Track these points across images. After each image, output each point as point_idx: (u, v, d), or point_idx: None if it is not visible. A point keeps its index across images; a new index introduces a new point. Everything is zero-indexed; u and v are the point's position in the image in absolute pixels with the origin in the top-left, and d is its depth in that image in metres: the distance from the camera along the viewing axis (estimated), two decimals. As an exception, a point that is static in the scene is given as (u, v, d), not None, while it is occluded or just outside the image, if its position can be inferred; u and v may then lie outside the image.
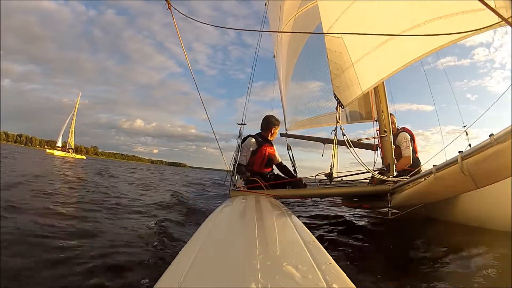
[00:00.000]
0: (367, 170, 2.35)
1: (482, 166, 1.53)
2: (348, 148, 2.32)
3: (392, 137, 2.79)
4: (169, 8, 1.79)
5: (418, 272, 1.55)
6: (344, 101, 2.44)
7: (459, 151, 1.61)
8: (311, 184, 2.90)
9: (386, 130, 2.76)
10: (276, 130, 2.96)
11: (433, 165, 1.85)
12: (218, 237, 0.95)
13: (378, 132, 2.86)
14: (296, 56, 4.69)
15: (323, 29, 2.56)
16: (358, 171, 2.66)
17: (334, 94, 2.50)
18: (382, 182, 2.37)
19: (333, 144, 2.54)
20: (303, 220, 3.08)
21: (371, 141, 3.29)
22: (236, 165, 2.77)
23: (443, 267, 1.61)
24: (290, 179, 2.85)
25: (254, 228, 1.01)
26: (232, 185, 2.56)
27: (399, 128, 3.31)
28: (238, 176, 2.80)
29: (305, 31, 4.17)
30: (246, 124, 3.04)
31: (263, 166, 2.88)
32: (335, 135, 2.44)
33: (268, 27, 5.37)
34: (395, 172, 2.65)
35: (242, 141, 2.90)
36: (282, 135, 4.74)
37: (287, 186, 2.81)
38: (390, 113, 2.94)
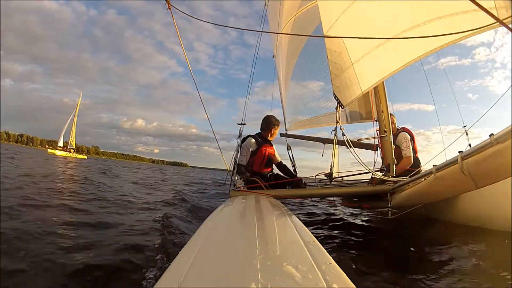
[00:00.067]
0: (367, 170, 2.35)
1: (482, 166, 1.53)
2: (348, 148, 2.32)
3: (392, 137, 2.79)
4: (169, 8, 1.79)
5: (418, 272, 1.55)
6: (344, 101, 2.44)
7: (459, 151, 1.61)
8: (311, 184, 2.90)
9: (386, 130, 2.76)
10: (276, 130, 2.95)
11: (433, 165, 1.85)
12: (218, 237, 0.95)
13: (378, 132, 2.86)
14: (296, 56, 4.69)
15: (323, 29, 2.56)
16: (358, 171, 2.66)
17: (334, 94, 2.50)
18: (382, 182, 2.37)
19: (333, 144, 2.54)
20: (303, 220, 3.08)
21: (371, 141, 3.29)
22: (236, 165, 2.77)
23: (443, 267, 1.61)
24: (290, 179, 2.85)
25: (254, 228, 1.01)
26: (232, 185, 2.56)
27: (398, 128, 3.31)
28: (238, 176, 2.80)
29: (305, 31, 4.17)
30: (246, 124, 3.04)
31: (263, 166, 2.88)
32: (335, 135, 2.44)
33: (267, 27, 5.37)
34: (395, 172, 2.64)
35: (242, 141, 2.90)
36: (282, 135, 4.73)
37: (287, 186, 2.81)
38: (390, 113, 2.94)
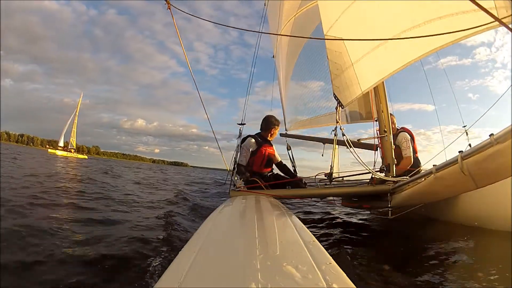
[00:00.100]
0: (367, 170, 2.35)
1: (482, 166, 1.53)
2: (348, 148, 2.32)
3: (392, 137, 2.79)
4: (169, 8, 1.79)
5: (418, 272, 1.55)
6: (344, 101, 2.44)
7: (459, 151, 1.61)
8: (311, 184, 2.90)
9: (386, 130, 2.76)
10: (276, 130, 2.95)
11: (433, 165, 1.85)
12: (218, 237, 0.95)
13: (378, 132, 2.86)
14: (296, 56, 4.69)
15: (323, 29, 2.56)
16: (358, 171, 2.66)
17: (334, 94, 2.50)
18: (382, 182, 2.37)
19: (333, 144, 2.54)
20: (303, 220, 3.08)
21: (371, 141, 3.29)
22: (236, 165, 2.77)
23: (443, 267, 1.61)
24: (290, 179, 2.85)
25: (254, 228, 1.01)
26: (232, 185, 2.56)
27: (398, 128, 3.31)
28: (238, 176, 2.80)
29: (305, 31, 4.17)
30: (245, 124, 3.04)
31: (262, 166, 2.88)
32: (335, 135, 2.44)
33: (267, 27, 5.37)
34: (395, 172, 2.64)
35: (241, 141, 2.89)
36: (282, 135, 4.73)
37: (287, 186, 2.80)
38: (390, 113, 2.94)
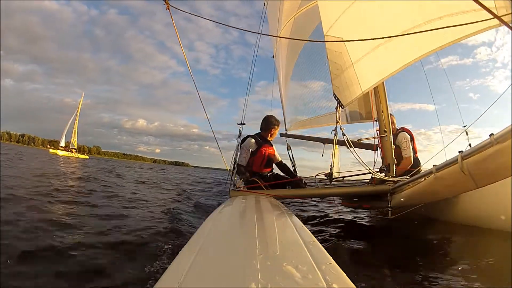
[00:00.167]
0: (367, 170, 2.35)
1: (482, 166, 1.53)
2: (348, 148, 2.32)
3: (392, 137, 2.79)
4: (168, 9, 1.79)
5: (418, 272, 1.55)
6: (344, 101, 2.44)
7: (459, 151, 1.61)
8: (311, 184, 2.90)
9: (386, 130, 2.76)
10: (276, 130, 2.95)
11: (433, 165, 1.85)
12: (218, 237, 0.95)
13: (378, 132, 2.86)
14: (296, 56, 4.69)
15: (323, 29, 2.56)
16: (358, 171, 2.66)
17: (334, 94, 2.50)
18: (382, 182, 2.37)
19: (333, 144, 2.54)
20: (303, 220, 3.08)
21: (371, 141, 3.29)
22: (236, 165, 2.77)
23: (443, 266, 1.61)
24: (291, 179, 2.85)
25: (254, 228, 1.01)
26: (232, 185, 2.56)
27: (398, 128, 3.31)
28: (238, 176, 2.80)
29: (305, 31, 4.17)
30: (245, 124, 3.03)
31: (262, 167, 2.87)
32: (335, 135, 2.44)
33: (267, 27, 5.37)
34: (395, 172, 2.64)
35: (241, 142, 2.89)
36: (282, 135, 4.73)
37: (287, 186, 2.80)
38: (390, 113, 2.94)
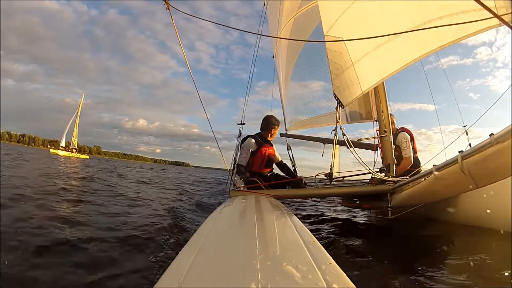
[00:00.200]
0: (367, 170, 2.34)
1: (482, 166, 1.53)
2: (348, 148, 2.32)
3: (392, 137, 2.79)
4: (168, 9, 1.78)
5: (418, 272, 1.55)
6: (344, 101, 2.44)
7: (459, 151, 1.61)
8: (311, 184, 2.90)
9: (386, 130, 2.76)
10: (276, 130, 2.95)
11: (433, 165, 1.85)
12: (218, 237, 0.95)
13: (378, 132, 2.86)
14: (296, 56, 4.69)
15: (323, 30, 2.56)
16: (358, 171, 2.66)
17: (334, 94, 2.50)
18: (382, 182, 2.37)
19: (333, 144, 2.54)
20: (303, 220, 3.08)
21: (371, 141, 3.29)
22: (236, 165, 2.77)
23: (443, 266, 1.61)
24: (291, 179, 2.85)
25: (254, 228, 1.01)
26: (232, 185, 2.56)
27: (398, 128, 3.31)
28: (238, 176, 2.80)
29: (305, 31, 4.17)
30: (245, 124, 3.04)
31: (262, 167, 2.87)
32: (335, 135, 2.44)
33: (267, 27, 5.37)
34: (395, 172, 2.64)
35: (241, 142, 2.89)
36: (282, 135, 4.73)
37: (287, 186, 2.80)
38: (390, 113, 2.94)
